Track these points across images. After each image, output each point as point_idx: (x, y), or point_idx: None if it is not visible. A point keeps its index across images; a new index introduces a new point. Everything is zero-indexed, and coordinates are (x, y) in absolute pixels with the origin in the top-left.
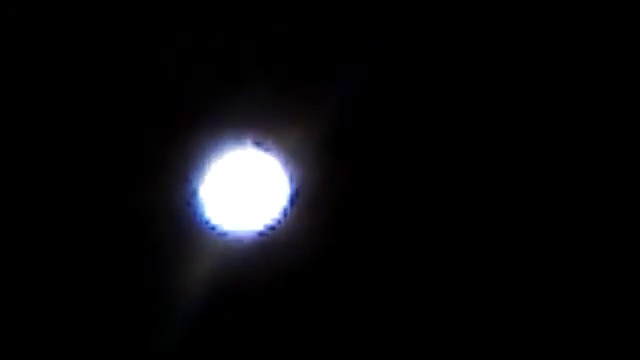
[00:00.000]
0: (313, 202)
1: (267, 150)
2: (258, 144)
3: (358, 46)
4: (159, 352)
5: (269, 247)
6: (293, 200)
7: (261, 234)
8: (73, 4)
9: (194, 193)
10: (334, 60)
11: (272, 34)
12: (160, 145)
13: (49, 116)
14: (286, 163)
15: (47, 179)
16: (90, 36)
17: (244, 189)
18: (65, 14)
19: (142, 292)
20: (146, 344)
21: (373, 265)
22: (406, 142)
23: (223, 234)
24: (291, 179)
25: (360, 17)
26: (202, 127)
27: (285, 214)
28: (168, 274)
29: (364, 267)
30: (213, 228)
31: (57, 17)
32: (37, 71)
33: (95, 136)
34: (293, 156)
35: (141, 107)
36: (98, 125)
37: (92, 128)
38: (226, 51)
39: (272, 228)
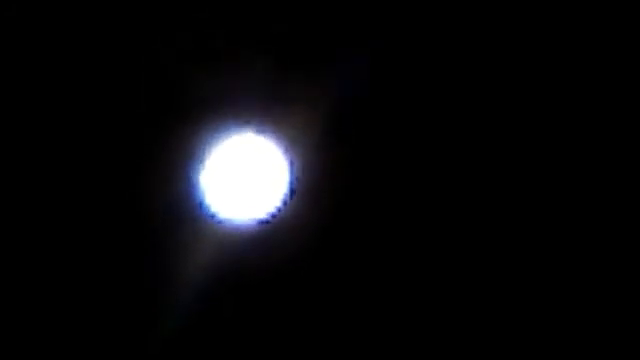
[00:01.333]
0: (313, 190)
1: (267, 138)
2: (258, 132)
3: (358, 33)
4: (159, 339)
5: (269, 235)
6: (293, 188)
7: (261, 222)
8: (73, 4)
9: (194, 181)
10: (335, 47)
11: (273, 21)
12: (160, 133)
13: (48, 108)
14: (286, 151)
15: (45, 168)
16: (90, 24)
17: (244, 177)
18: (65, 14)
19: (141, 279)
20: (146, 332)
21: (373, 254)
22: (406, 130)
23: (223, 222)
24: (291, 167)
25: (360, 4)
26: (202, 114)
27: (285, 202)
28: (168, 261)
29: (364, 255)
30: (213, 216)
31: (57, 17)
32: (37, 71)
33: (95, 124)
34: (293, 144)
35: (141, 95)
36: (98, 113)
37: (92, 117)
38: (227, 38)
39: (272, 216)
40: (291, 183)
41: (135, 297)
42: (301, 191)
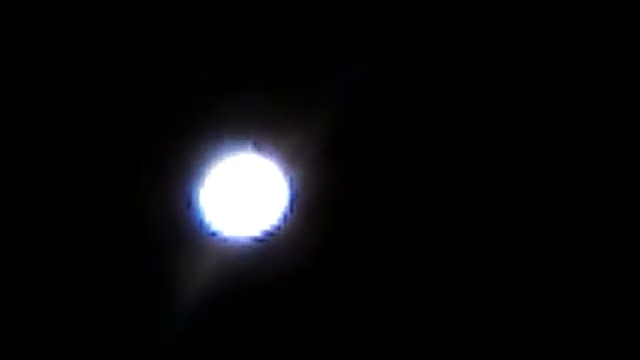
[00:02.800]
0: (312, 207)
1: (266, 155)
2: (257, 149)
3: (357, 50)
4: (158, 355)
5: (268, 252)
6: (292, 205)
7: (260, 239)
8: (73, 4)
9: (193, 198)
10: (333, 64)
11: (271, 38)
12: (160, 149)
13: (49, 119)
14: (285, 168)
15: (47, 183)
16: (91, 40)
17: (243, 194)
18: (65, 14)
19: (141, 296)
20: (145, 347)
21: (372, 270)
22: (406, 147)
23: (222, 239)
24: (290, 184)
25: (359, 20)
26: (202, 131)
27: (284, 219)
28: (167, 278)
29: (363, 272)
30: (212, 233)
31: (58, 20)
32: (37, 71)
33: (95, 140)
34: (292, 161)
35: (141, 111)
36: (98, 129)
37: (92, 132)
38: (225, 56)
39: (271, 233)
40: (290, 200)
41: (135, 313)
42: (300, 208)
